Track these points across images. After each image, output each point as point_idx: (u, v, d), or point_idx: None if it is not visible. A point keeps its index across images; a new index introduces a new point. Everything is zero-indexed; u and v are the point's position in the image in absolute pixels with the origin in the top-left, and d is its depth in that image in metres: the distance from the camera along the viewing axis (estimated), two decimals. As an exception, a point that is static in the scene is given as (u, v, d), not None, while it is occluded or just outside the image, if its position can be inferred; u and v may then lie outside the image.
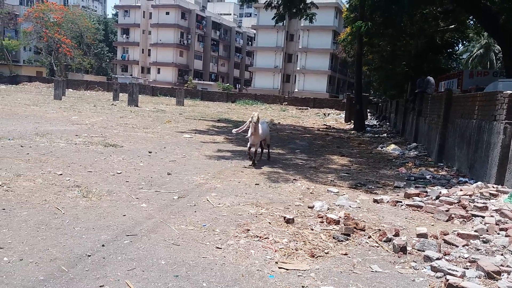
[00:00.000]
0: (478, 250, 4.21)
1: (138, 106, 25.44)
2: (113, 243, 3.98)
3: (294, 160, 10.24)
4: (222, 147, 11.44)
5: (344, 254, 4.06)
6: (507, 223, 4.83)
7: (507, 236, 4.45)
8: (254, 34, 65.05)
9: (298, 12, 19.67)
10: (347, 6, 27.25)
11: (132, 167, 7.65)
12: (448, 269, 3.58)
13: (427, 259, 3.90)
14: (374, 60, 30.54)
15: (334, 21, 54.20)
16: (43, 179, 6.16)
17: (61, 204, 5.04)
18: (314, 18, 20.11)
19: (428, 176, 8.33)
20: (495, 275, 3.48)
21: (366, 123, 23.91)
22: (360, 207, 5.87)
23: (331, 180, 7.85)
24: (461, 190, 6.45)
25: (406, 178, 8.33)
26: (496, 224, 4.82)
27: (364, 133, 20.00)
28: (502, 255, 4.02)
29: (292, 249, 4.11)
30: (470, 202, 5.76)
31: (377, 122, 28.63)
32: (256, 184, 7.01)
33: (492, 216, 5.10)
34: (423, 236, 4.49)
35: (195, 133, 14.31)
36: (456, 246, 4.28)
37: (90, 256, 3.64)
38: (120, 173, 7.06)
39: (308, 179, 7.81)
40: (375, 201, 6.26)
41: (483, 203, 5.64)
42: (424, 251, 4.09)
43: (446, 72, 24.64)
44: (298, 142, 14.36)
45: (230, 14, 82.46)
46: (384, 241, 4.42)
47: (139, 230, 4.39)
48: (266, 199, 6.04)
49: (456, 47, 31.95)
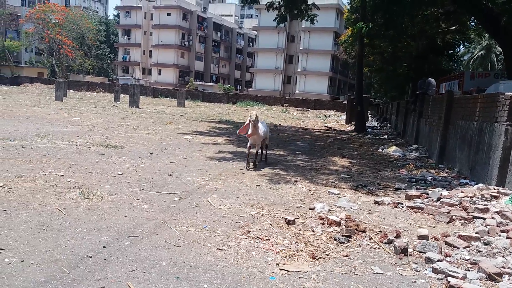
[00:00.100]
0: (479, 252, 4.20)
1: (139, 107, 25.49)
2: (114, 244, 3.98)
3: (295, 161, 10.24)
4: (223, 148, 11.45)
5: (345, 256, 4.06)
6: (508, 224, 4.82)
7: (508, 238, 4.44)
8: (255, 35, 65.17)
9: (300, 13, 19.70)
10: (348, 7, 27.27)
11: (133, 168, 7.66)
12: (449, 271, 3.58)
13: (428, 260, 3.90)
14: (375, 62, 30.55)
15: (335, 22, 54.24)
16: (44, 180, 6.17)
17: (62, 205, 5.05)
18: (315, 19, 20.12)
19: (429, 178, 8.32)
20: (496, 277, 3.48)
21: (367, 124, 23.90)
22: (361, 209, 5.86)
23: (332, 182, 7.85)
24: (462, 192, 6.43)
25: (407, 180, 8.33)
26: (497, 226, 4.81)
27: (365, 134, 20.01)
28: (504, 256, 4.01)
29: (293, 250, 4.11)
30: (471, 203, 5.75)
31: (378, 123, 28.62)
32: (257, 185, 7.01)
33: (493, 218, 5.09)
34: (424, 237, 4.49)
35: (196, 134, 14.32)
36: (457, 248, 4.28)
37: (91, 257, 3.65)
38: (121, 174, 7.07)
39: (309, 180, 7.81)
40: (376, 202, 6.25)
41: (484, 205, 5.63)
42: (425, 252, 4.08)
43: (447, 73, 24.63)
44: (299, 144, 14.36)
45: (231, 15, 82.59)
46: (385, 242, 4.42)
47: (140, 231, 4.39)
48: (267, 200, 6.04)
49: (457, 49, 31.95)
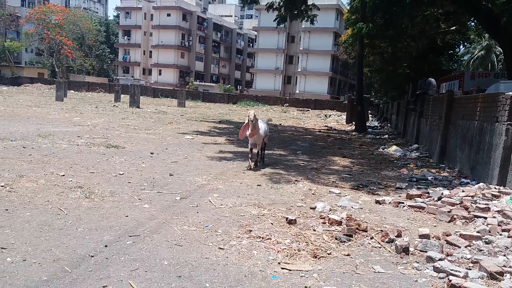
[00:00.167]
0: (481, 251, 4.20)
1: (139, 108, 25.49)
2: (116, 243, 3.99)
3: (296, 161, 10.25)
4: (224, 148, 11.45)
5: (347, 255, 4.06)
6: (509, 224, 4.82)
7: (509, 237, 4.45)
8: (255, 35, 65.20)
9: (300, 13, 19.71)
10: (348, 7, 27.30)
11: (134, 168, 7.66)
12: (450, 269, 3.59)
13: (430, 259, 3.90)
14: (375, 62, 30.55)
15: (335, 22, 54.27)
16: (45, 180, 6.18)
17: (64, 205, 5.06)
18: (315, 19, 20.13)
19: (429, 177, 8.32)
20: (497, 276, 3.48)
21: (367, 124, 23.90)
22: (362, 208, 5.87)
23: (333, 181, 7.85)
24: (463, 191, 6.44)
25: (408, 179, 8.33)
26: (499, 225, 4.82)
27: (366, 134, 20.02)
28: (505, 256, 4.02)
29: (295, 249, 4.11)
30: (472, 203, 5.76)
31: (378, 123, 28.62)
32: (258, 185, 7.02)
33: (494, 217, 5.10)
34: (425, 237, 4.49)
35: (197, 134, 14.33)
36: (458, 247, 4.28)
37: (93, 256, 3.65)
38: (122, 174, 7.07)
39: (310, 180, 7.81)
40: (377, 202, 6.26)
41: (485, 204, 5.64)
42: (426, 252, 4.09)
43: (447, 73, 24.64)
44: (299, 144, 14.36)
45: (231, 16, 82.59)
46: (386, 242, 4.42)
47: (142, 230, 4.40)
48: (268, 200, 6.04)
49: (457, 49, 31.94)
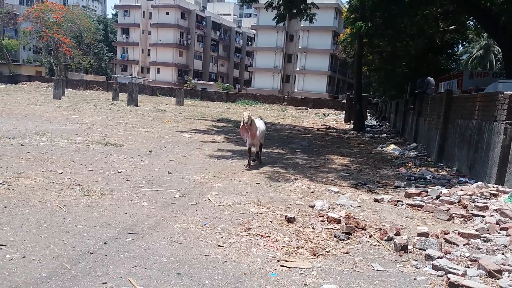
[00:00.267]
0: (479, 249, 4.22)
1: (137, 106, 25.45)
2: (115, 241, 3.98)
3: (294, 159, 10.25)
4: (222, 146, 11.45)
5: (346, 253, 4.07)
6: (507, 222, 4.84)
7: (507, 235, 4.46)
8: (254, 34, 65.14)
9: (299, 12, 19.69)
10: (347, 6, 27.26)
11: (132, 166, 7.66)
12: (449, 267, 3.59)
13: (428, 258, 3.91)
14: (374, 61, 30.55)
15: (334, 21, 54.30)
16: (44, 177, 6.17)
17: (62, 202, 5.05)
18: (314, 18, 20.12)
19: (428, 176, 8.34)
20: (496, 274, 3.50)
21: (366, 123, 23.91)
22: (361, 207, 5.87)
23: (332, 180, 7.86)
24: (461, 190, 6.46)
25: (407, 178, 8.34)
26: (497, 223, 4.83)
27: (364, 133, 20.02)
28: (503, 254, 4.04)
29: (294, 247, 4.12)
30: (470, 201, 5.77)
31: (376, 122, 28.65)
32: (256, 183, 7.02)
33: (492, 215, 5.12)
34: (424, 235, 4.51)
35: (195, 132, 14.32)
36: (457, 245, 4.29)
37: (92, 253, 3.65)
38: (121, 172, 7.06)
39: (308, 178, 7.82)
40: (376, 200, 6.27)
41: (484, 202, 5.65)
42: (425, 250, 4.10)
43: (446, 72, 24.68)
44: (298, 142, 14.37)
45: (230, 15, 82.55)
46: (385, 240, 4.43)
47: (141, 228, 4.40)
48: (267, 198, 6.05)
49: (456, 48, 32.01)
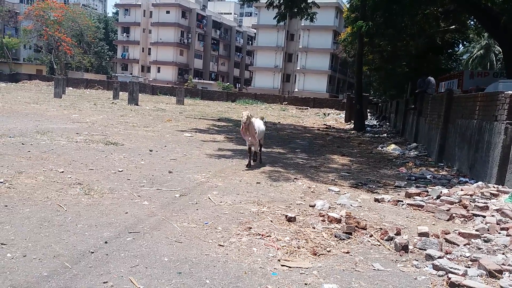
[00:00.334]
0: (480, 249, 4.22)
1: (138, 105, 25.44)
2: (116, 240, 3.99)
3: (295, 159, 10.25)
4: (223, 146, 11.45)
5: (346, 253, 4.07)
6: (508, 222, 4.84)
7: (508, 235, 4.46)
8: (255, 33, 65.11)
9: (299, 11, 19.69)
10: (348, 6, 27.23)
11: (133, 165, 7.66)
12: (450, 267, 3.60)
13: (429, 257, 3.91)
14: (375, 60, 30.52)
15: (334, 21, 54.23)
16: (44, 176, 6.17)
17: (63, 201, 5.06)
18: (315, 17, 20.12)
19: (428, 176, 8.34)
20: (496, 274, 3.50)
21: (366, 123, 23.90)
22: (361, 206, 5.88)
23: (332, 179, 7.86)
24: (462, 190, 6.46)
25: (407, 178, 8.35)
26: (497, 223, 4.83)
27: (364, 133, 20.01)
28: (504, 254, 4.04)
29: (294, 247, 4.12)
30: (471, 201, 5.77)
31: (377, 122, 28.64)
32: (257, 182, 7.03)
33: (493, 215, 5.12)
34: (424, 235, 4.51)
35: (196, 132, 14.32)
36: (457, 245, 4.30)
37: (93, 252, 3.66)
38: (122, 171, 7.07)
39: (309, 178, 7.82)
40: (376, 200, 6.27)
41: (484, 202, 5.65)
42: (425, 250, 4.10)
43: (447, 72, 24.65)
44: (298, 142, 14.37)
45: (231, 13, 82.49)
46: (385, 239, 4.44)
47: (142, 227, 4.40)
48: (268, 197, 6.05)
49: (456, 48, 31.99)
